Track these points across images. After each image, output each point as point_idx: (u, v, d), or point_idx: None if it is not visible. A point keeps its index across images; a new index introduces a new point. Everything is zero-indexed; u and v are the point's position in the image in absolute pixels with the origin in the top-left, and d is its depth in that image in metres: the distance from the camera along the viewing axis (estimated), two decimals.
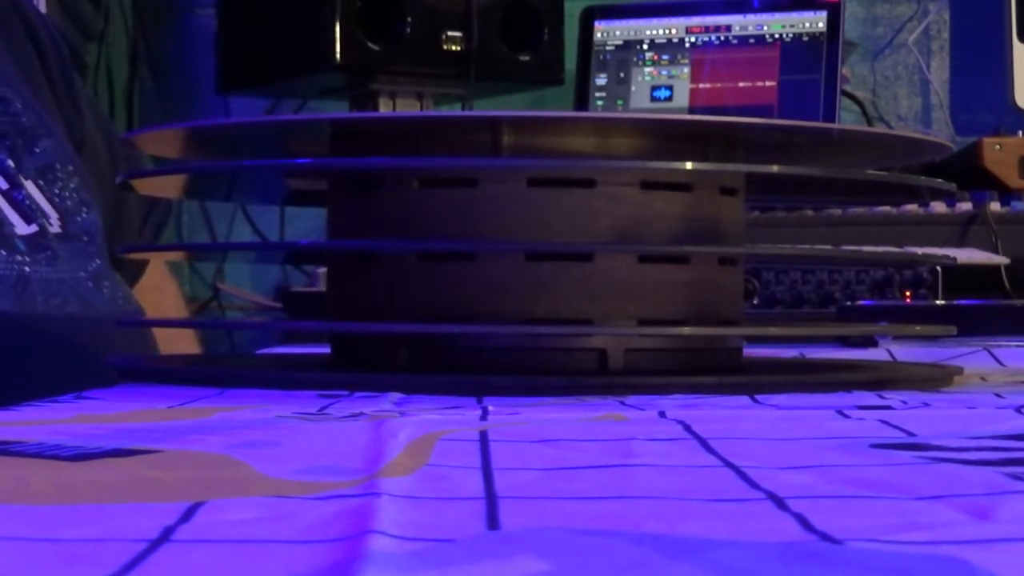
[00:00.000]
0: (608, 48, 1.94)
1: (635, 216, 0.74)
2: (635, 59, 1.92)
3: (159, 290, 1.49)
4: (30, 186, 1.20)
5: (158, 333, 1.35)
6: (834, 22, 1.84)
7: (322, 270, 1.59)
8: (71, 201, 1.22)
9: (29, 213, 1.18)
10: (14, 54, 1.29)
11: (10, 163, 1.19)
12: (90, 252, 1.22)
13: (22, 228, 1.18)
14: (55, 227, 1.20)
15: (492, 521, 0.35)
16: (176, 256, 1.54)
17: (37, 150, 1.22)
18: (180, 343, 1.43)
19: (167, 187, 0.92)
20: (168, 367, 0.85)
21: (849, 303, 1.31)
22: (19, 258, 1.16)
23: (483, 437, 0.50)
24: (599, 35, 1.94)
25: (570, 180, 0.73)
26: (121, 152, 1.39)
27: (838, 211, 1.55)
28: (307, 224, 2.16)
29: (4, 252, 1.16)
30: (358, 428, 0.54)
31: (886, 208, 1.54)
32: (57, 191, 1.22)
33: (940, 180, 0.80)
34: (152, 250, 1.40)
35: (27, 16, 1.33)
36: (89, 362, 1.13)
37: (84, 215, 1.23)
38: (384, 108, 1.93)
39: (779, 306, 1.40)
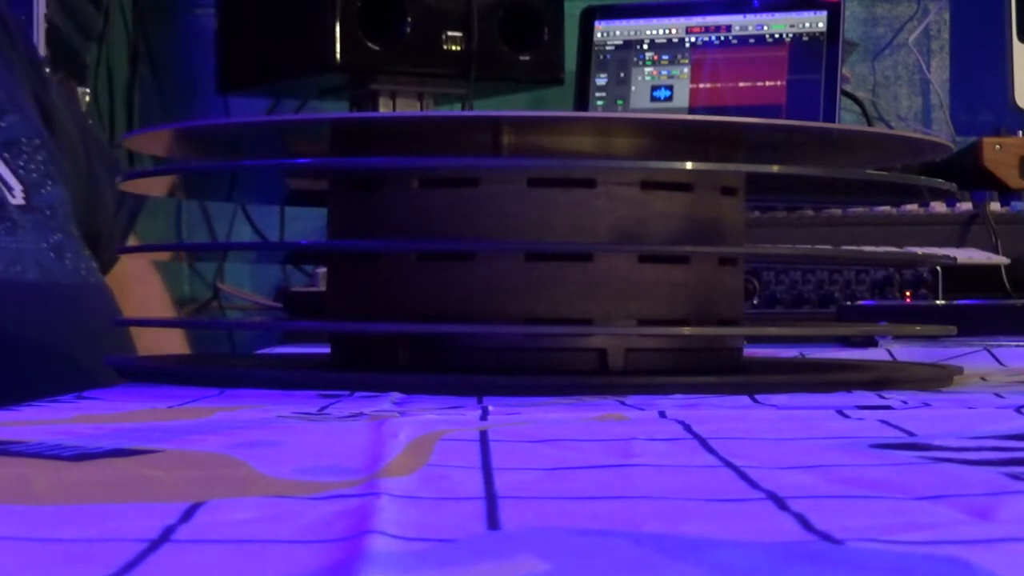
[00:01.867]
0: (608, 48, 1.94)
1: (635, 216, 0.74)
2: (635, 59, 1.92)
3: (142, 283, 1.49)
4: None
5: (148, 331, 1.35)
6: (834, 22, 1.84)
7: (322, 270, 1.59)
8: (36, 174, 1.23)
9: None
10: None
11: None
12: (52, 226, 1.23)
13: None
14: (18, 199, 1.21)
15: (492, 521, 0.35)
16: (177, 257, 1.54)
17: (3, 124, 1.23)
18: (168, 344, 1.43)
19: (167, 187, 0.92)
20: (168, 367, 0.85)
21: (849, 303, 1.31)
22: None
23: (483, 437, 0.50)
24: (599, 35, 1.94)
25: (570, 180, 0.73)
26: (92, 135, 1.39)
27: (838, 211, 1.55)
28: (307, 224, 2.16)
29: None
30: (358, 428, 0.54)
31: (886, 208, 1.54)
32: (22, 163, 1.23)
33: (940, 180, 0.80)
34: (152, 250, 1.40)
35: None
36: (54, 329, 1.14)
37: (48, 188, 1.24)
38: (384, 108, 1.93)
39: (779, 306, 1.40)
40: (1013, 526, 0.35)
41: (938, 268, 1.33)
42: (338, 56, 1.87)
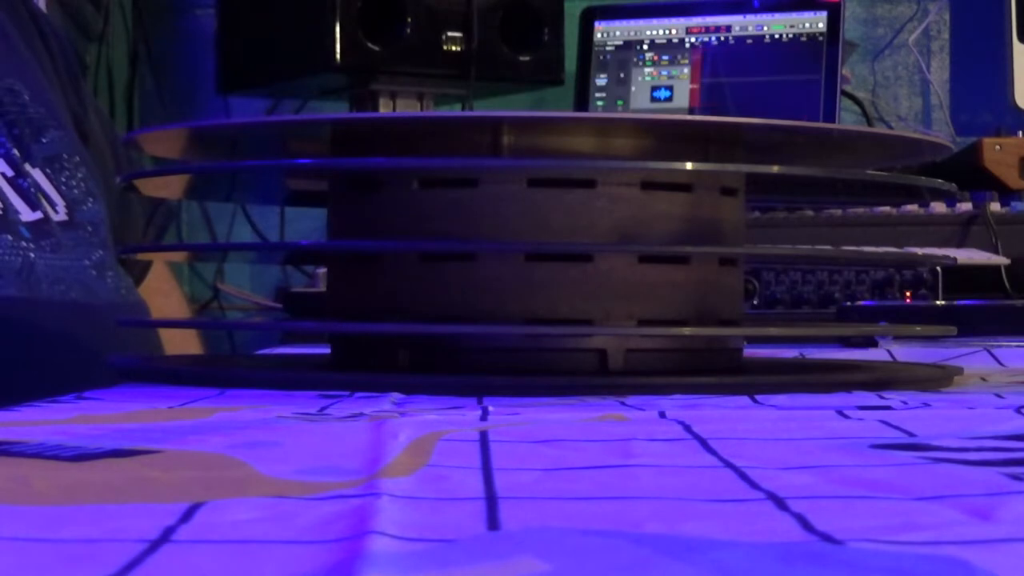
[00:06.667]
0: (608, 48, 1.94)
1: (635, 216, 0.74)
2: (635, 59, 1.92)
3: (164, 295, 1.50)
4: (37, 173, 1.21)
5: (162, 333, 1.36)
6: (834, 22, 1.84)
7: (322, 270, 1.59)
8: (78, 190, 1.24)
9: (34, 200, 1.20)
10: (25, 47, 1.31)
11: (15, 152, 1.20)
12: (94, 242, 1.23)
13: (27, 215, 1.18)
14: (61, 215, 1.21)
15: (492, 521, 0.35)
16: (177, 257, 1.54)
17: (44, 140, 1.24)
18: (185, 345, 1.44)
19: (168, 188, 0.92)
20: (168, 367, 0.85)
21: (849, 303, 1.31)
22: (24, 244, 1.17)
23: (483, 437, 0.50)
24: (599, 35, 1.94)
25: (570, 180, 0.73)
26: (123, 153, 1.40)
27: (838, 211, 1.55)
28: (307, 224, 2.16)
29: (9, 238, 1.16)
30: (358, 428, 0.54)
31: (886, 208, 1.54)
32: (64, 179, 1.23)
33: (940, 180, 0.80)
34: (153, 250, 1.40)
35: (35, 15, 1.35)
36: (93, 349, 1.14)
37: (90, 205, 1.24)
38: (384, 108, 1.93)
39: (779, 306, 1.40)
40: (1013, 526, 0.35)
41: (938, 268, 1.33)
42: (338, 56, 1.87)
